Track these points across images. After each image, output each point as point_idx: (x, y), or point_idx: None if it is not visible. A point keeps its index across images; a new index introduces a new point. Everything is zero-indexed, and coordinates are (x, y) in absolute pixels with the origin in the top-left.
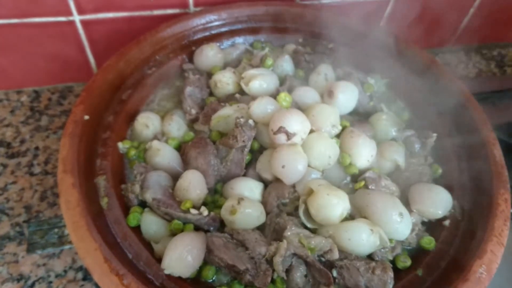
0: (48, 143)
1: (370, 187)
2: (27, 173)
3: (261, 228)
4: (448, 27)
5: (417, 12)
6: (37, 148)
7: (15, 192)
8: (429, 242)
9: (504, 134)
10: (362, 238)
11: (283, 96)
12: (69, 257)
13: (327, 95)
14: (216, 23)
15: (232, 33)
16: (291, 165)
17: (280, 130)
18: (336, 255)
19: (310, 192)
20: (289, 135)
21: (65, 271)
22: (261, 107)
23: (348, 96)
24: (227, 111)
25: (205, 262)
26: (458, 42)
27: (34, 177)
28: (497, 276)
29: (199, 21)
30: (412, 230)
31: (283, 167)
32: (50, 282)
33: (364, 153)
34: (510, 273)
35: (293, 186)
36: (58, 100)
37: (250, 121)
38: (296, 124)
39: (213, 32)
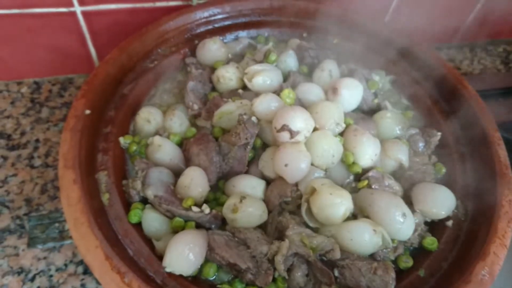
0: (49, 135)
1: (373, 186)
2: (28, 165)
3: (263, 226)
4: (454, 22)
5: (422, 7)
6: (37, 140)
7: (16, 184)
8: (431, 242)
9: (508, 132)
10: (364, 238)
11: (287, 92)
12: (70, 251)
13: (331, 91)
14: (219, 16)
15: (236, 27)
16: (294, 163)
17: (284, 128)
18: (338, 254)
19: (313, 191)
20: (292, 133)
21: (66, 265)
22: (264, 104)
23: (352, 93)
24: (230, 107)
25: (207, 260)
26: (464, 38)
27: (34, 169)
28: (500, 277)
29: (202, 14)
30: (415, 230)
31: (286, 165)
32: (51, 275)
33: (367, 152)
34: None
35: (296, 184)
36: (58, 91)
37: (253, 118)
38: (300, 122)
39: (216, 25)
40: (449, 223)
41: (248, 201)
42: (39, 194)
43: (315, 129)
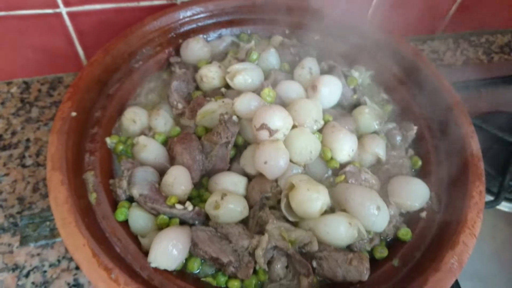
0: (39, 135)
1: (350, 181)
2: (19, 165)
3: (245, 221)
4: (437, 14)
5: (405, 0)
6: (28, 140)
7: (8, 184)
8: (405, 233)
9: (488, 123)
10: (340, 231)
11: (267, 91)
12: (62, 247)
13: (311, 89)
14: (203, 15)
15: (219, 25)
16: (273, 161)
17: (263, 126)
18: (315, 247)
19: (292, 187)
20: (271, 132)
21: (59, 261)
22: (245, 104)
23: (331, 90)
24: (212, 107)
25: (191, 255)
26: (447, 30)
27: (26, 169)
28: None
29: (185, 14)
30: (390, 222)
31: (265, 163)
32: (45, 271)
33: (345, 148)
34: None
35: (276, 180)
36: (48, 91)
37: (234, 118)
38: (278, 120)
39: (200, 24)
40: (423, 214)
41: (229, 198)
42: (31, 192)
43: (294, 127)
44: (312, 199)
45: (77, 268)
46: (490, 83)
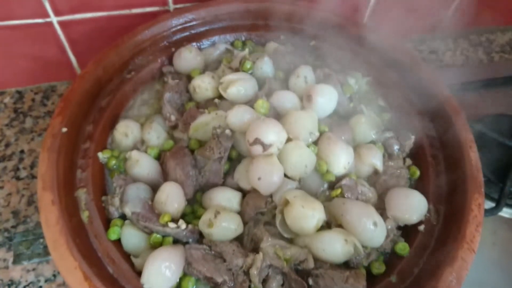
0: (33, 146)
1: (346, 195)
2: (14, 177)
3: (240, 237)
4: (436, 13)
5: (403, 0)
6: (22, 151)
7: (2, 197)
8: (403, 248)
9: (488, 127)
10: (336, 248)
11: (261, 103)
12: None
13: (306, 99)
14: (195, 22)
15: (212, 32)
16: (267, 177)
17: (256, 141)
18: (311, 264)
19: (286, 202)
20: (265, 147)
21: (54, 276)
22: (238, 117)
23: (327, 100)
24: (205, 119)
25: (185, 274)
26: (447, 29)
27: (20, 181)
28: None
29: (177, 21)
30: (387, 236)
31: (259, 179)
32: (40, 286)
33: (341, 161)
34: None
35: (271, 196)
36: (41, 100)
37: (227, 131)
38: (272, 135)
39: (192, 31)
40: (421, 227)
41: (222, 216)
42: (26, 206)
43: (289, 140)
44: (307, 216)
45: None
46: (491, 84)
